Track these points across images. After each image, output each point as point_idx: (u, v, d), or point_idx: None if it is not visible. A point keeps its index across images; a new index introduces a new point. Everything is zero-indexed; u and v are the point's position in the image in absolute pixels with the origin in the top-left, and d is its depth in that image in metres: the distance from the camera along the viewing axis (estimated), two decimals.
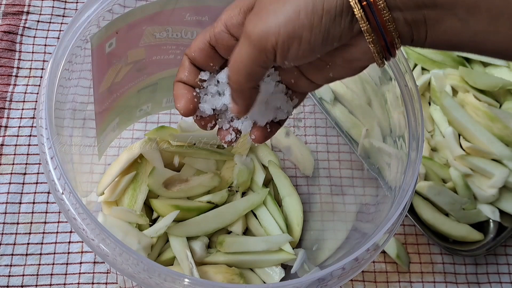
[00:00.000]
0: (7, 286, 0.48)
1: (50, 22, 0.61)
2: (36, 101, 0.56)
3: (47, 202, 0.52)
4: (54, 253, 0.50)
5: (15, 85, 0.57)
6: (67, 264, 0.49)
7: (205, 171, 0.51)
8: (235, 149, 0.53)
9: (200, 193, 0.49)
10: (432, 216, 0.53)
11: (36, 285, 0.48)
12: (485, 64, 0.61)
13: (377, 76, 0.45)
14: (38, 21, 0.61)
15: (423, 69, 0.61)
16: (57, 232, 0.51)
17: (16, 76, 0.58)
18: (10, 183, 0.52)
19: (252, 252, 0.47)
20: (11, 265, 0.49)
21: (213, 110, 0.35)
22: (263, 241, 0.48)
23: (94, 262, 0.50)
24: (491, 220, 0.55)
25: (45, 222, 0.51)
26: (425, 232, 0.52)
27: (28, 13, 0.61)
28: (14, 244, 0.50)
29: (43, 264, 0.49)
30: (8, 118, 0.55)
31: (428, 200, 0.54)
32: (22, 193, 0.52)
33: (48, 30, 0.61)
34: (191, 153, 0.50)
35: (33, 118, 0.56)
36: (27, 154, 0.54)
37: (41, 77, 0.58)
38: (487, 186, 0.54)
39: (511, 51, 0.28)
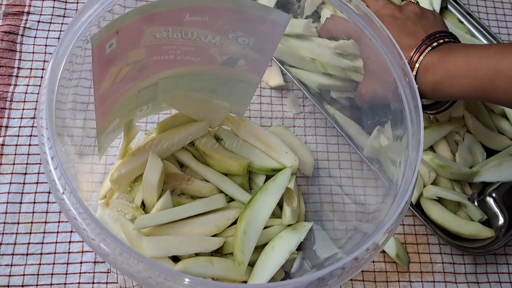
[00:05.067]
0: (8, 285, 0.48)
1: (50, 23, 0.61)
2: (37, 101, 0.56)
3: (48, 202, 0.52)
4: (55, 253, 0.50)
5: (15, 85, 0.57)
6: (67, 263, 0.50)
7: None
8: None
9: (197, 197, 0.49)
10: (441, 216, 0.54)
11: (37, 285, 0.48)
12: None
13: None
14: (38, 22, 0.61)
15: None
16: (57, 232, 0.51)
17: (17, 76, 0.58)
18: (10, 183, 0.52)
19: None
20: (11, 265, 0.49)
21: None
22: None
23: (95, 262, 0.50)
24: (500, 216, 0.55)
25: (45, 222, 0.51)
26: (435, 232, 0.52)
27: (28, 13, 0.61)
28: (15, 243, 0.50)
29: (44, 264, 0.49)
30: (8, 118, 0.55)
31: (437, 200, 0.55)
32: (22, 193, 0.52)
33: (48, 31, 0.61)
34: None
35: (34, 118, 0.56)
36: (28, 154, 0.54)
37: (42, 77, 0.58)
38: None
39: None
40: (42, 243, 0.50)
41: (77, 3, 0.64)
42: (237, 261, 0.44)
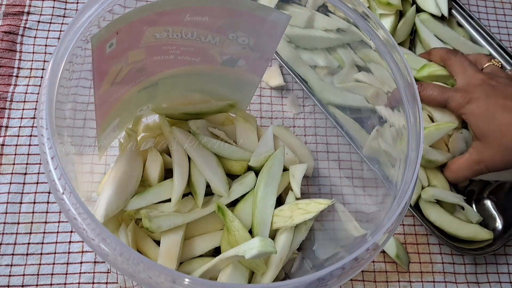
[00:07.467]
0: (8, 285, 0.48)
1: (50, 23, 0.62)
2: (37, 101, 0.56)
3: (48, 202, 0.52)
4: (55, 253, 0.50)
5: (15, 85, 0.57)
6: (67, 263, 0.50)
7: None
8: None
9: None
10: (440, 218, 0.54)
11: (37, 285, 0.48)
12: None
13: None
14: (38, 22, 0.61)
15: None
16: (57, 232, 0.51)
17: (17, 76, 0.58)
18: (10, 183, 0.52)
19: None
20: (11, 265, 0.49)
21: None
22: None
23: (95, 262, 0.50)
24: (497, 218, 0.55)
25: (45, 222, 0.51)
26: (434, 233, 0.52)
27: (28, 13, 0.61)
28: (15, 244, 0.50)
29: (44, 264, 0.49)
30: (8, 118, 0.55)
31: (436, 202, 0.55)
32: (22, 193, 0.52)
33: (48, 31, 0.61)
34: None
35: (34, 118, 0.56)
36: (28, 154, 0.54)
37: (42, 77, 0.58)
38: None
39: None
40: (42, 243, 0.50)
41: (77, 3, 0.64)
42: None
